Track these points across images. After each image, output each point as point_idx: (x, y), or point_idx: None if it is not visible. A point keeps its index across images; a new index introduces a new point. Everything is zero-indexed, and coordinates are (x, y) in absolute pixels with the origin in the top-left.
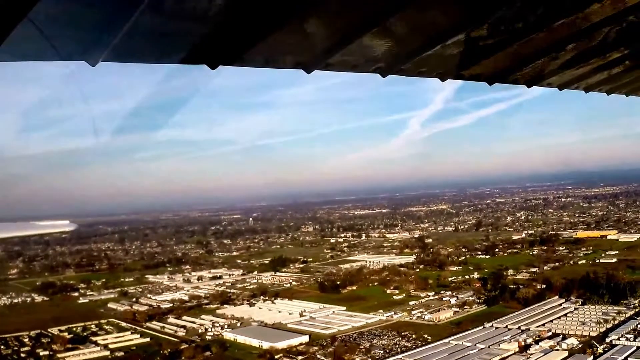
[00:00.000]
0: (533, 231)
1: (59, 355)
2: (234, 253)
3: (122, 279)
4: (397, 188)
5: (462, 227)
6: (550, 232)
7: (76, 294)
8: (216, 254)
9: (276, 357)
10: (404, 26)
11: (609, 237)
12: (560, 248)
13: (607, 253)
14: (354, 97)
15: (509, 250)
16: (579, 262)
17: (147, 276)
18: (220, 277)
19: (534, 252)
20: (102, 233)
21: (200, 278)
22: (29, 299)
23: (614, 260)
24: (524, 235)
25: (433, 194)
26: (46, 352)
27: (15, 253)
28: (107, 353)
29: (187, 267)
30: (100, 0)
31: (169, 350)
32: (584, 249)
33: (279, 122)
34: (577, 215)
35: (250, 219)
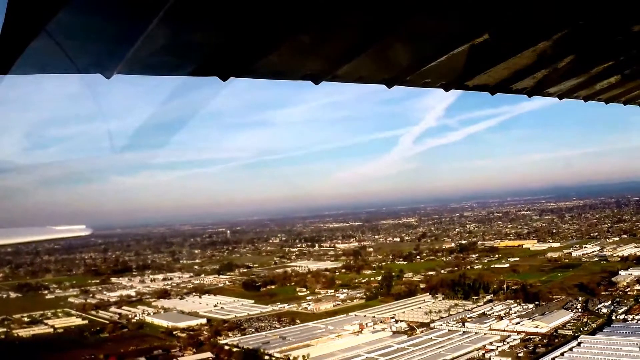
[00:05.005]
0: (465, 241)
1: (14, 332)
2: (197, 260)
3: (89, 281)
4: (385, 203)
5: (409, 238)
6: (476, 242)
7: (46, 291)
8: (181, 261)
9: (174, 332)
10: (409, 38)
11: (524, 246)
12: (473, 255)
13: (507, 259)
14: (347, 116)
15: (428, 258)
16: (475, 267)
17: (111, 278)
18: (171, 279)
19: (448, 259)
20: (91, 244)
21: (153, 280)
22: (5, 296)
23: (507, 265)
24: (453, 245)
25: (416, 208)
26: (5, 329)
27: (5, 261)
28: (51, 330)
29: (149, 271)
30: (116, 14)
31: (98, 327)
32: (491, 256)
33: (274, 141)
34: (519, 227)
35: (228, 231)
